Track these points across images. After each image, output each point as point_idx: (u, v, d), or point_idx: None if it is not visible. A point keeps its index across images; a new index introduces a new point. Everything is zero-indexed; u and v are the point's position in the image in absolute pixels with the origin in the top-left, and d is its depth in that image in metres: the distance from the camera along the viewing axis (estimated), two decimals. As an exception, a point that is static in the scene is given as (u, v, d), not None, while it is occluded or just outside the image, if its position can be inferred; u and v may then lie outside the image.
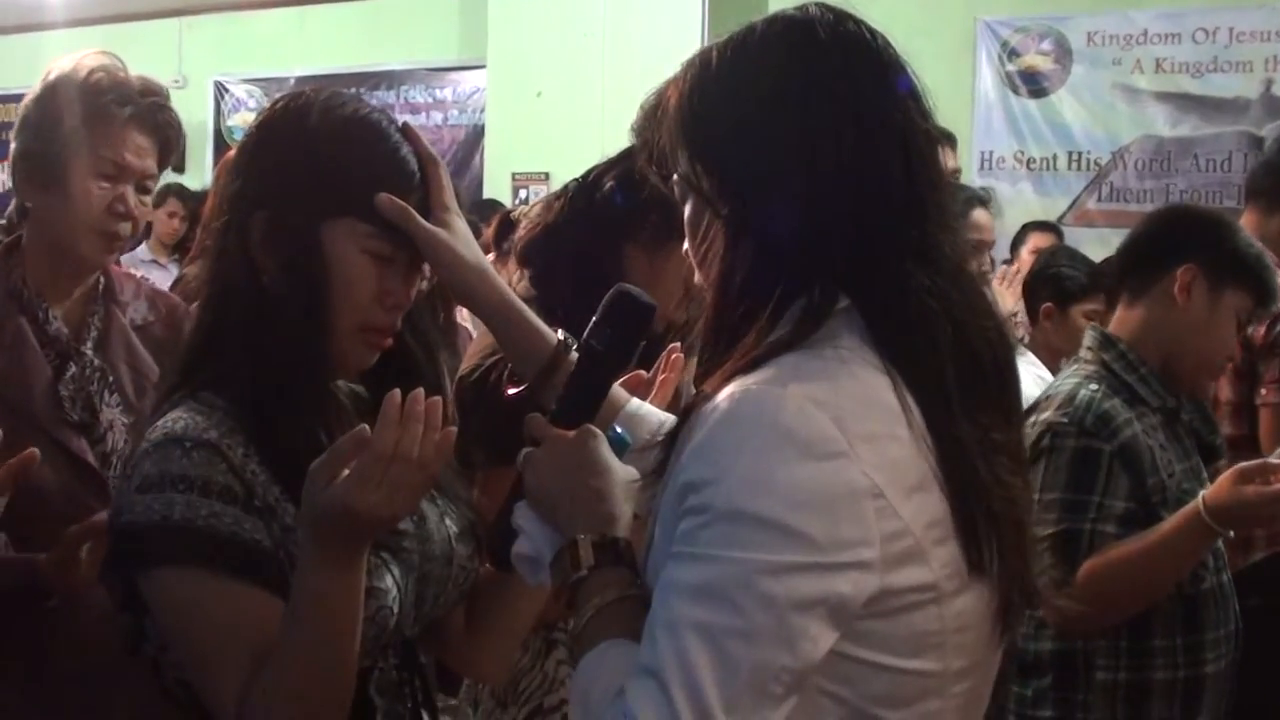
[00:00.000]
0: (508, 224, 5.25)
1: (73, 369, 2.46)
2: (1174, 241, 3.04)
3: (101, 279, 2.58)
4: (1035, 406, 2.93)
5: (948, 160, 4.72)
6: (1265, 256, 3.04)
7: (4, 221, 3.11)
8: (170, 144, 2.54)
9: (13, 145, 2.52)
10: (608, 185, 2.55)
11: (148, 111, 2.47)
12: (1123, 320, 3.05)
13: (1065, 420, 2.84)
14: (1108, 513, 2.77)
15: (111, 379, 2.50)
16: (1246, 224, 4.41)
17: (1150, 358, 2.96)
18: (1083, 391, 2.88)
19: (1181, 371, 2.98)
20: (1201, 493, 2.71)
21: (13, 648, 2.38)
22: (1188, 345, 2.96)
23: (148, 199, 2.52)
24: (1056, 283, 4.79)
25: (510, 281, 2.33)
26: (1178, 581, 2.79)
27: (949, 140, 4.95)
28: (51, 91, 2.46)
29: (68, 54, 2.51)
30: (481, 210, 7.15)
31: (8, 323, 2.44)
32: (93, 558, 2.17)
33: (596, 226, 2.53)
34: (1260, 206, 4.46)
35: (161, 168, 2.53)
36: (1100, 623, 2.77)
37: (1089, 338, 3.08)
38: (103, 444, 2.44)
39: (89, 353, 2.50)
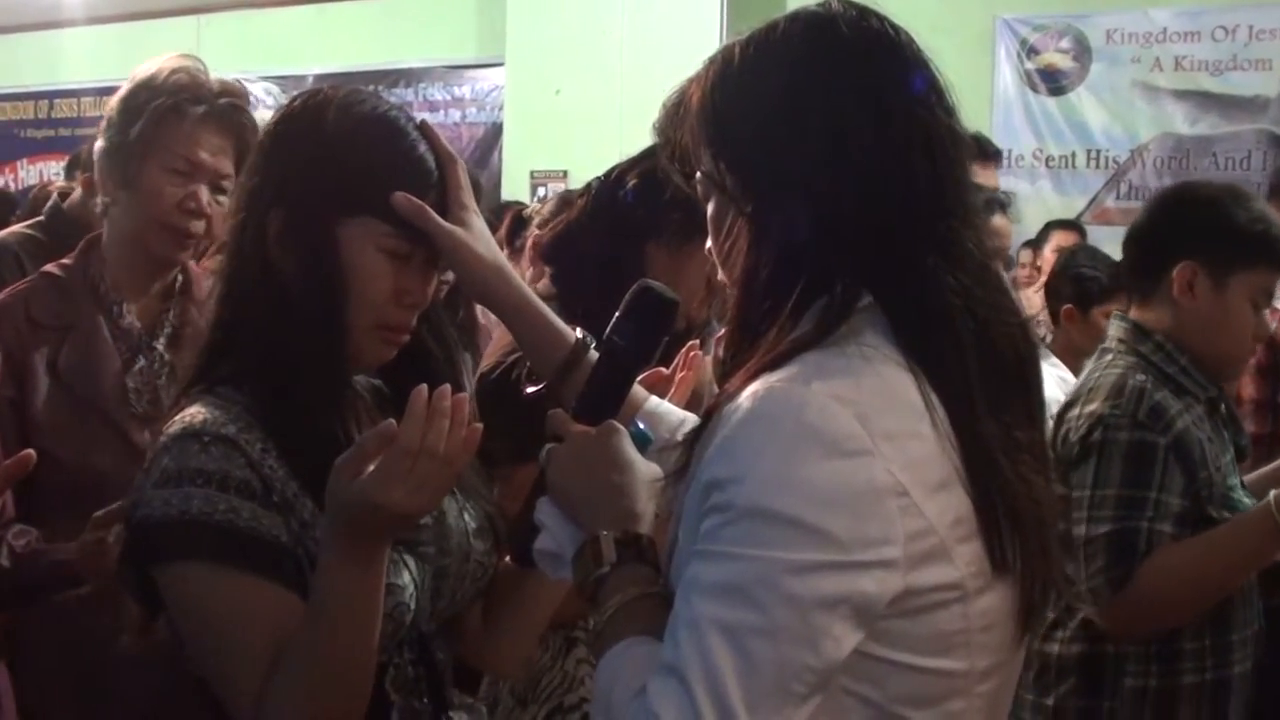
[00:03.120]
0: (520, 221, 5.25)
1: (141, 362, 2.53)
2: (1168, 236, 2.88)
3: (180, 276, 2.64)
4: (1076, 400, 2.82)
5: (988, 179, 4.68)
6: (1276, 225, 2.83)
7: (41, 219, 3.16)
8: (247, 145, 2.55)
9: (98, 143, 2.58)
10: (630, 184, 2.54)
11: (223, 111, 2.52)
12: (1142, 318, 2.91)
13: (1117, 412, 2.70)
14: (1165, 510, 2.65)
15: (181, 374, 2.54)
16: None
17: (1184, 348, 2.82)
18: (1131, 381, 2.74)
19: (1208, 366, 2.84)
20: (1272, 492, 2.60)
21: (60, 639, 2.43)
22: (1205, 343, 2.82)
23: (223, 199, 2.55)
24: (1078, 284, 4.76)
25: (523, 279, 2.34)
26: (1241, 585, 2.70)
27: (992, 158, 4.91)
28: (133, 91, 2.52)
29: (133, 55, 2.59)
30: (502, 212, 7.15)
31: (83, 317, 2.53)
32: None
33: (619, 225, 2.53)
34: None
35: (238, 169, 2.55)
36: (1156, 627, 2.69)
37: (1117, 328, 2.93)
38: None
39: (160, 348, 2.56)
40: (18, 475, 2.06)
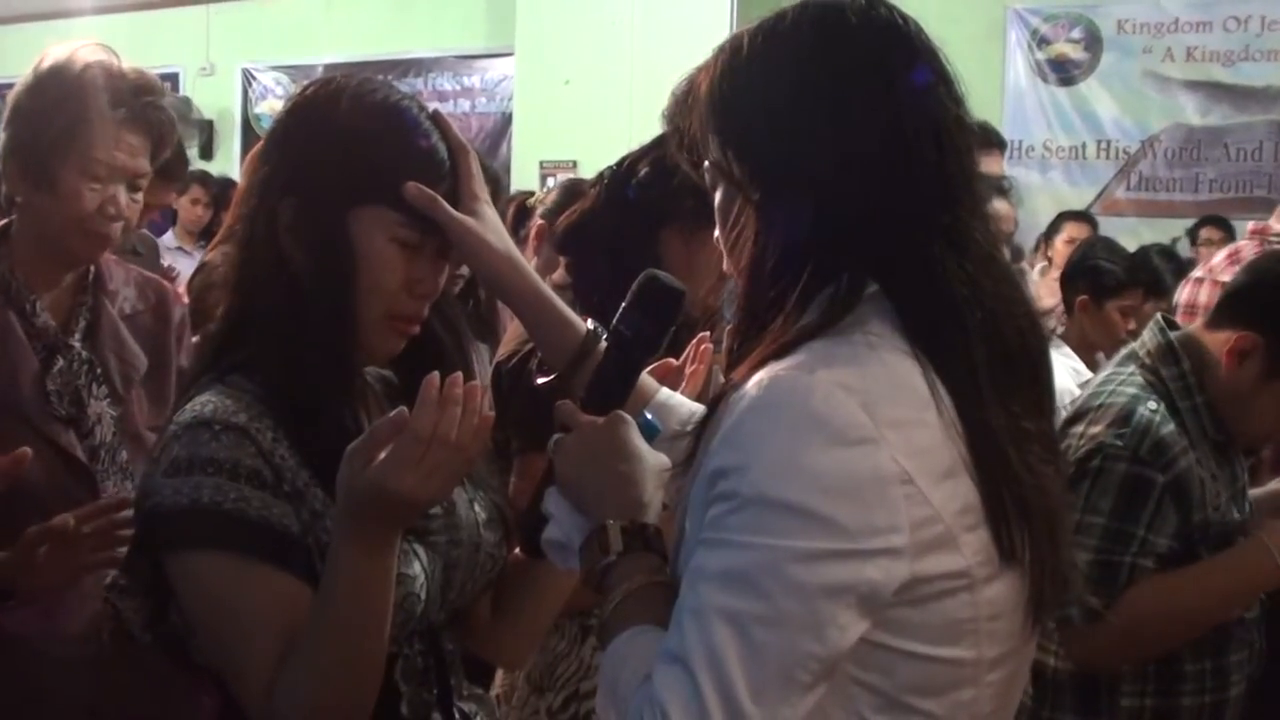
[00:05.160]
0: (523, 211, 5.24)
1: (60, 362, 2.44)
2: (1262, 297, 2.73)
3: (91, 268, 2.55)
4: (1084, 414, 2.73)
5: (992, 166, 4.69)
6: None
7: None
8: (163, 141, 2.49)
9: (1, 135, 2.46)
10: (643, 171, 2.54)
11: (142, 111, 2.43)
12: (1201, 334, 2.78)
13: (1119, 442, 2.61)
14: (1150, 548, 2.58)
15: (99, 370, 2.48)
16: None
17: (1209, 388, 2.71)
18: (1140, 410, 2.65)
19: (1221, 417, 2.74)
20: (1263, 537, 2.58)
21: None
22: (1225, 409, 2.72)
23: (139, 196, 2.48)
24: (1094, 276, 4.74)
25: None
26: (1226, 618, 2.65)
27: (997, 146, 4.92)
28: (44, 84, 2.41)
29: (62, 42, 2.46)
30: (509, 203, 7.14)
31: None
32: (59, 560, 2.14)
33: (632, 213, 2.52)
34: None
35: (154, 164, 2.49)
36: (1130, 658, 2.64)
37: (1152, 337, 2.81)
38: (91, 437, 2.43)
39: (77, 345, 2.47)
40: (12, 475, 2.04)
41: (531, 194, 6.39)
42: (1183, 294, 4.33)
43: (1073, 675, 2.73)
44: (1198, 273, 4.43)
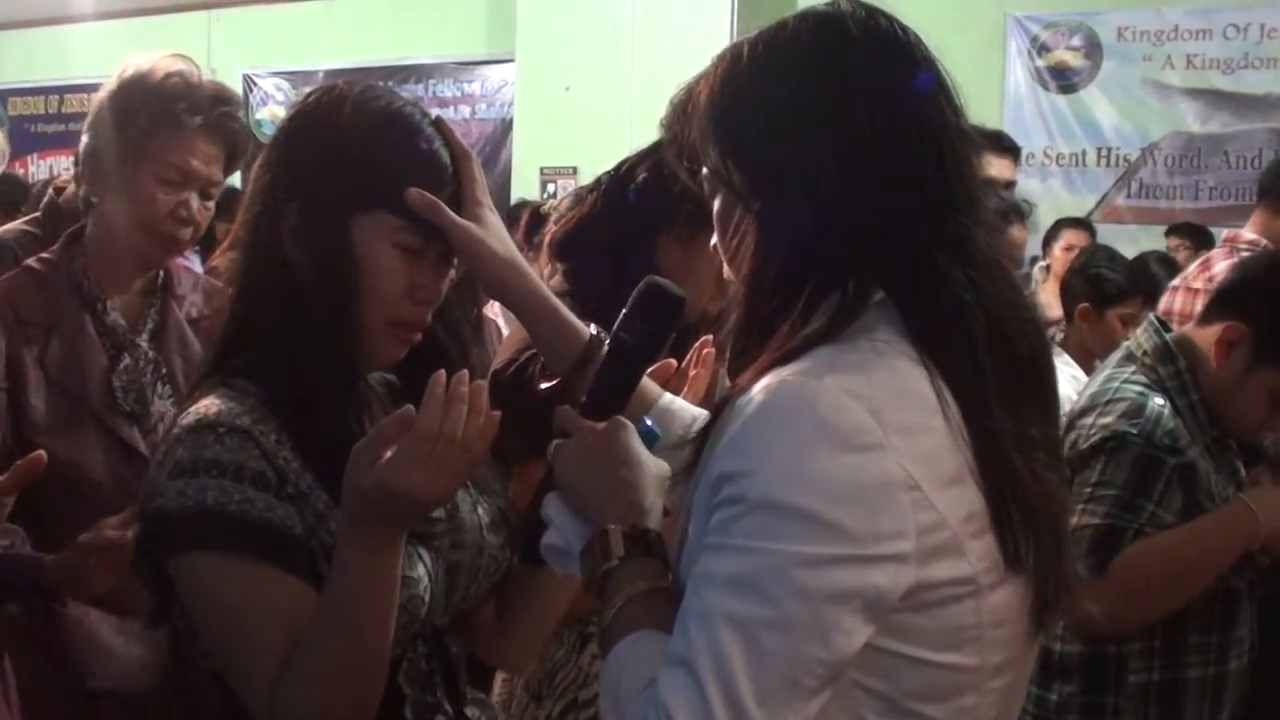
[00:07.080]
0: (538, 217, 5.25)
1: (127, 360, 2.53)
2: (1250, 288, 2.86)
3: (161, 272, 2.64)
4: (1092, 407, 2.84)
5: (1005, 171, 4.69)
6: None
7: (38, 214, 3.15)
8: (238, 151, 2.58)
9: (84, 139, 2.55)
10: (640, 177, 2.54)
11: (218, 121, 2.51)
12: (1194, 333, 2.89)
13: (1134, 430, 2.73)
14: (1157, 521, 2.69)
15: (164, 370, 2.56)
16: (1256, 222, 4.48)
17: (1202, 385, 2.83)
18: (1151, 404, 2.77)
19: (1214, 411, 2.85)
20: (1246, 498, 2.72)
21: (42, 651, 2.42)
22: (1212, 397, 2.83)
23: (210, 205, 2.56)
24: (1096, 284, 4.75)
25: (541, 275, 2.32)
26: (1216, 577, 2.73)
27: (1010, 151, 4.92)
28: (125, 91, 2.49)
29: (144, 50, 2.56)
30: (518, 211, 7.13)
31: (67, 313, 2.51)
32: (108, 564, 2.16)
33: (630, 218, 2.52)
34: (1269, 206, 4.56)
35: (227, 174, 2.58)
36: (1128, 616, 2.70)
37: (1148, 337, 2.93)
38: (154, 434, 2.48)
39: (144, 344, 2.56)
40: (30, 475, 2.07)
41: (541, 203, 6.40)
42: (1162, 303, 4.42)
43: (1080, 657, 2.81)
44: (1175, 281, 4.54)
